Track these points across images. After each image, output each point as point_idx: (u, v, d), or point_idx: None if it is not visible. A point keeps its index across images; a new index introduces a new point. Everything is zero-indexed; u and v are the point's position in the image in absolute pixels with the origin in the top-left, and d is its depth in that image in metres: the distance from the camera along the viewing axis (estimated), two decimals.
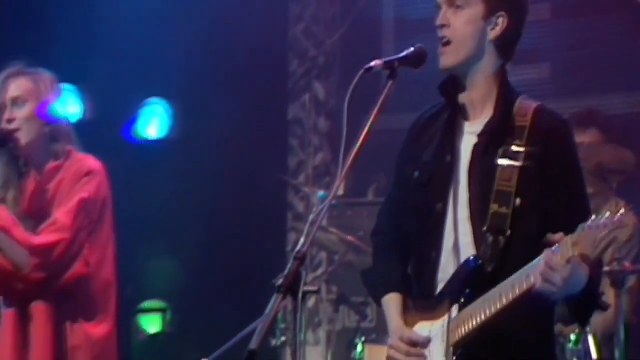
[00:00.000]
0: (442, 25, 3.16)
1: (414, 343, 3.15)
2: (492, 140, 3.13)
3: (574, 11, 6.67)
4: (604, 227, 2.80)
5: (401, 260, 3.32)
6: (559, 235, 2.86)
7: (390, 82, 3.02)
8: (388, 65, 3.04)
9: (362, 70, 2.97)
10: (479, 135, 3.16)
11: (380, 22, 7.31)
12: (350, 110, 2.88)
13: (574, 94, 6.45)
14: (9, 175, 4.04)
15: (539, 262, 2.86)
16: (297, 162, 7.55)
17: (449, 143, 3.21)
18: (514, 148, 3.09)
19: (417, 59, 3.09)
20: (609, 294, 5.25)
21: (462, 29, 3.15)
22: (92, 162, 4.10)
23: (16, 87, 4.04)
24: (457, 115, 3.22)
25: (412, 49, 3.10)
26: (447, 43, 3.15)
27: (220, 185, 6.82)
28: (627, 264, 5.18)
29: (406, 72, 3.06)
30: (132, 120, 7.02)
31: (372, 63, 3.02)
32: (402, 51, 3.10)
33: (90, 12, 6.27)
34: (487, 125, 3.15)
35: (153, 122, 7.14)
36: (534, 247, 2.95)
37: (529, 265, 2.91)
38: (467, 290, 3.04)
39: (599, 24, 6.56)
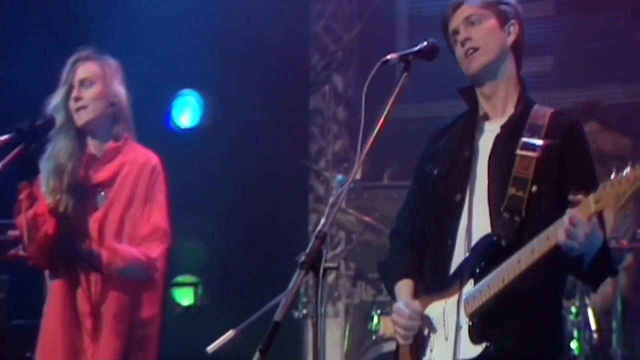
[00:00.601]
0: (466, 40, 3.17)
1: (418, 313, 3.15)
2: (513, 132, 3.14)
3: (576, 8, 6.65)
4: (626, 181, 2.78)
5: (416, 254, 3.30)
6: (581, 196, 2.85)
7: (405, 75, 3.01)
8: (403, 58, 3.03)
9: (379, 64, 2.96)
10: (502, 127, 3.17)
11: (395, 19, 7.30)
12: (368, 101, 2.88)
13: (575, 85, 6.44)
14: (74, 148, 4.06)
15: (561, 221, 2.85)
16: (318, 149, 7.55)
17: (468, 141, 3.21)
18: (533, 141, 3.10)
19: (430, 53, 3.08)
20: None
21: (484, 37, 3.17)
22: (154, 157, 4.15)
23: (85, 69, 4.08)
24: (477, 117, 3.23)
25: (425, 43, 3.09)
26: (475, 50, 3.16)
27: (247, 170, 6.83)
28: (624, 242, 5.18)
29: (420, 65, 3.05)
30: (167, 110, 7.07)
31: (388, 56, 3.01)
32: (415, 46, 3.09)
33: (129, 12, 6.28)
34: (510, 119, 3.17)
35: (186, 112, 7.18)
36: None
37: (546, 229, 2.89)
38: (483, 264, 3.03)
39: (599, 20, 6.53)
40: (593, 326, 5.02)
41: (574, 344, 4.99)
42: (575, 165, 3.13)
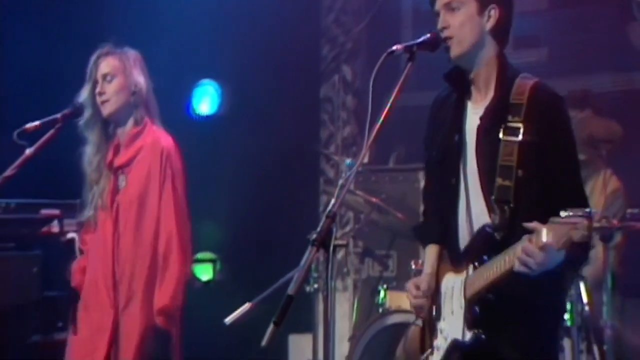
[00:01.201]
0: (443, 28, 3.10)
1: (424, 292, 3.18)
2: (493, 120, 3.08)
3: (569, 2, 6.60)
4: (565, 226, 2.74)
5: (440, 222, 3.28)
6: (535, 224, 2.82)
7: (409, 64, 2.99)
8: (408, 49, 3.01)
9: (385, 54, 2.95)
10: (481, 118, 3.11)
11: (400, 12, 7.26)
12: (375, 89, 2.87)
13: (568, 75, 6.38)
14: (102, 137, 4.13)
15: (518, 246, 2.84)
16: (328, 135, 7.54)
17: (457, 124, 3.17)
18: (513, 125, 3.03)
19: (433, 44, 3.07)
20: (598, 248, 5.23)
21: (460, 27, 3.09)
22: (167, 139, 4.14)
23: (106, 64, 4.11)
24: (463, 97, 3.18)
25: (428, 35, 3.07)
26: (449, 38, 3.09)
27: (262, 154, 6.82)
28: (614, 221, 5.15)
29: (424, 55, 3.03)
30: (188, 99, 7.07)
31: (394, 47, 2.99)
32: (419, 38, 3.06)
33: (152, 8, 6.27)
34: (487, 108, 3.11)
35: (205, 100, 7.18)
36: (537, 214, 2.91)
37: (512, 247, 2.88)
38: (485, 257, 3.03)
39: (591, 13, 6.49)
40: (585, 299, 5.00)
41: (567, 316, 4.98)
42: (553, 147, 3.05)
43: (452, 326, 3.10)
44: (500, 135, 3.04)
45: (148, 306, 4.00)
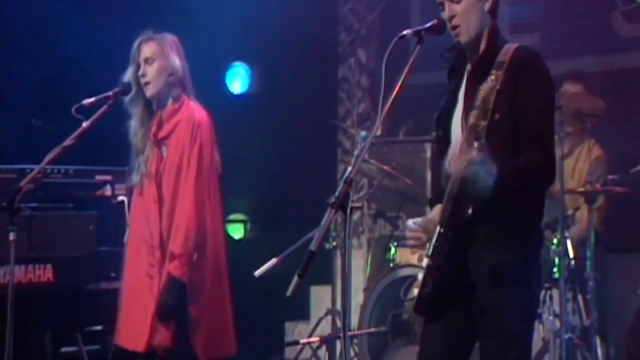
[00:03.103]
0: (450, 17, 3.02)
1: (420, 225, 3.08)
2: (480, 70, 2.99)
3: None
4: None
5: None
6: None
7: (418, 47, 2.95)
8: (417, 33, 2.96)
9: (396, 38, 2.90)
10: (468, 72, 3.05)
11: (409, 1, 7.20)
12: (387, 70, 2.83)
13: (558, 57, 6.30)
14: (145, 112, 4.12)
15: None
16: (345, 111, 7.51)
17: (455, 92, 3.10)
18: (494, 76, 2.92)
19: (439, 29, 3.01)
20: (583, 209, 5.21)
21: (466, 15, 3.01)
22: (201, 113, 4.12)
23: (147, 49, 4.10)
24: (462, 71, 3.09)
25: (435, 21, 3.02)
26: (456, 26, 3.02)
27: (286, 128, 6.81)
28: (597, 186, 5.13)
29: (431, 39, 2.99)
30: (222, 79, 7.05)
31: (404, 32, 2.95)
32: (427, 23, 3.02)
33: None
34: (474, 63, 3.05)
35: (237, 80, 7.16)
36: (507, 151, 2.89)
37: None
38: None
39: (579, 1, 6.41)
40: (571, 254, 4.99)
41: (555, 269, 4.97)
42: (524, 94, 2.94)
43: None
44: (484, 84, 2.92)
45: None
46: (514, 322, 2.96)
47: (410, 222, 3.14)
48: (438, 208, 3.12)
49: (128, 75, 4.10)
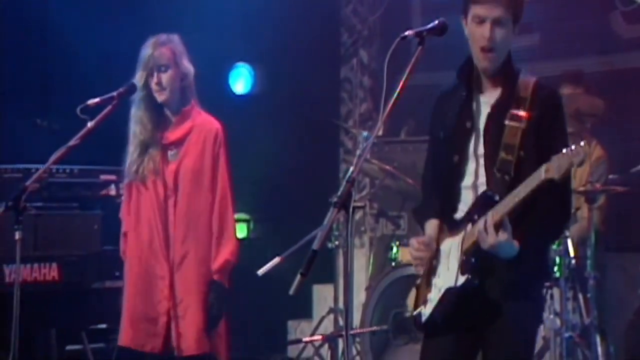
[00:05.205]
0: (490, 39, 3.02)
1: (424, 245, 3.14)
2: (502, 109, 3.05)
3: None
4: (564, 155, 2.75)
5: (440, 199, 3.23)
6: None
7: (420, 48, 2.94)
8: (418, 34, 2.95)
9: (398, 39, 2.89)
10: (492, 107, 3.08)
11: (410, 3, 7.20)
12: (388, 71, 2.82)
13: (558, 57, 6.32)
14: (151, 117, 4.09)
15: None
16: (347, 111, 7.50)
17: (468, 112, 3.12)
18: (519, 113, 3.01)
19: (440, 30, 3.00)
20: (583, 209, 5.20)
21: (503, 42, 3.03)
22: (217, 122, 4.14)
23: (160, 56, 4.05)
24: (473, 91, 3.13)
25: (436, 22, 3.00)
26: (491, 50, 3.04)
27: (289, 128, 6.81)
28: (598, 185, 5.12)
29: (432, 40, 2.98)
30: (225, 79, 7.05)
31: (406, 33, 2.94)
32: (428, 24, 3.01)
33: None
34: (498, 100, 3.08)
35: (240, 81, 7.16)
36: None
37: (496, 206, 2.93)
38: (480, 213, 2.99)
39: (579, 2, 6.40)
40: (571, 253, 4.98)
41: (555, 268, 4.96)
42: (549, 132, 3.03)
43: (446, 279, 3.07)
44: (506, 121, 3.01)
45: (202, 264, 4.00)
46: (522, 335, 3.04)
47: (412, 239, 3.16)
48: (434, 223, 3.15)
49: (137, 79, 4.05)
